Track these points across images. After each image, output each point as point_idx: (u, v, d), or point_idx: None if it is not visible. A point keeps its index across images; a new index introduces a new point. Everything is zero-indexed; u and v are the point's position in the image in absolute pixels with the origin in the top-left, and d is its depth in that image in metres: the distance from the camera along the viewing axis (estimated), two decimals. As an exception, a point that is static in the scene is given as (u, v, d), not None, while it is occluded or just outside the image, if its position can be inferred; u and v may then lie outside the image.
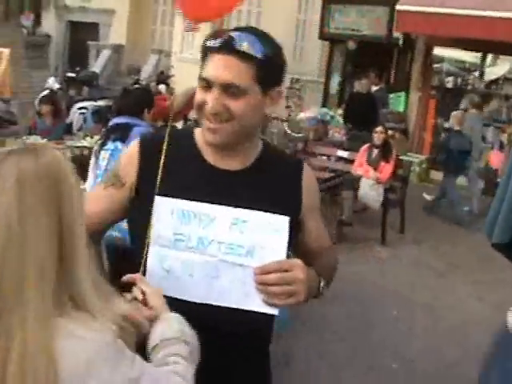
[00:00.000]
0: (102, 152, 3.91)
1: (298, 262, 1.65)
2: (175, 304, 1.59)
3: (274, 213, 1.65)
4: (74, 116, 10.58)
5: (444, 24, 10.16)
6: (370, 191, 7.60)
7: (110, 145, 3.88)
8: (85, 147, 8.18)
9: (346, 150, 9.01)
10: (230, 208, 1.65)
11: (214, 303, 1.65)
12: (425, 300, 5.90)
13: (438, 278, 6.58)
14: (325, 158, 9.46)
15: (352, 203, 7.54)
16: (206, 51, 1.67)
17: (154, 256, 1.66)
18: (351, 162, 8.40)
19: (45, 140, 7.68)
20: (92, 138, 8.03)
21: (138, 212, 1.74)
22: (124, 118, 3.97)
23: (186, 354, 1.44)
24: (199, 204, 1.65)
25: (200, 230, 1.64)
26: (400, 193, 8.12)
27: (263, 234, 1.65)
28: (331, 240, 2.03)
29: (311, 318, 4.93)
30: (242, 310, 1.65)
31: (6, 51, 9.26)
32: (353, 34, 12.77)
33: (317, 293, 1.76)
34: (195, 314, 1.58)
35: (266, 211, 1.65)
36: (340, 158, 9.01)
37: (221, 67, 1.62)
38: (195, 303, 1.64)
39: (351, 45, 12.62)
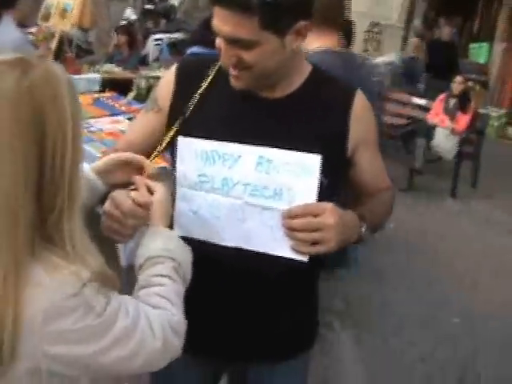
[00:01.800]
0: None
1: (328, 205, 1.50)
2: (204, 247, 1.53)
3: (310, 148, 1.50)
4: (150, 47, 10.59)
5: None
6: (445, 141, 7.40)
7: None
8: (159, 77, 8.20)
9: (424, 98, 8.73)
10: (255, 147, 1.53)
11: (242, 247, 1.57)
12: (492, 257, 5.72)
13: (508, 234, 6.35)
14: (401, 104, 9.20)
15: (425, 152, 7.33)
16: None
17: (181, 197, 1.60)
18: (428, 110, 8.12)
19: (120, 69, 7.72)
20: (167, 69, 8.04)
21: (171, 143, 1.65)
22: (200, 48, 3.92)
23: (171, 272, 1.38)
24: (223, 144, 1.54)
25: (225, 171, 1.55)
26: (475, 145, 7.84)
27: (291, 175, 1.51)
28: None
29: (372, 265, 4.82)
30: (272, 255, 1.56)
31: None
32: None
33: (357, 238, 1.62)
34: (227, 258, 1.54)
35: (302, 145, 1.51)
36: (416, 106, 8.72)
37: (222, 21, 1.44)
38: (225, 247, 1.57)
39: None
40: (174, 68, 1.72)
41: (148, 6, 15.69)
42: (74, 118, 1.17)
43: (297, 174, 1.51)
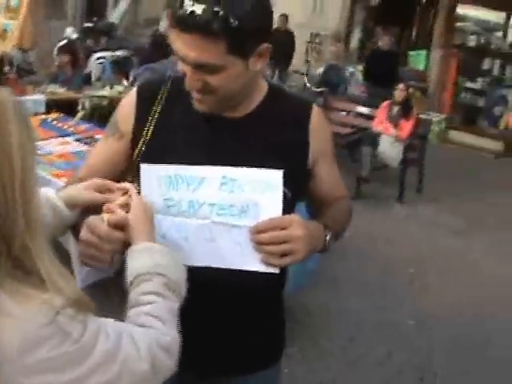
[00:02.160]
0: None
1: (294, 217, 1.56)
2: None
3: (272, 164, 1.55)
4: (93, 66, 10.51)
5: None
6: (390, 148, 7.55)
7: None
8: (104, 97, 8.16)
9: (366, 106, 8.91)
10: (217, 167, 1.56)
11: (213, 266, 1.60)
12: (441, 259, 5.89)
13: (455, 236, 6.54)
14: (344, 113, 9.36)
15: (371, 160, 7.48)
16: (171, 23, 1.50)
17: None
18: (371, 118, 8.29)
19: (64, 89, 7.67)
20: (112, 88, 8.00)
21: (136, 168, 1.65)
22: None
23: (161, 288, 1.33)
24: (186, 167, 1.57)
25: (190, 194, 1.57)
26: (419, 151, 8.05)
27: (255, 191, 1.55)
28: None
29: (326, 274, 4.91)
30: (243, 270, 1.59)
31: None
32: (376, -12, 12.55)
33: (322, 247, 1.66)
34: (198, 277, 1.52)
35: (264, 162, 1.55)
36: (360, 114, 8.91)
37: (188, 47, 1.46)
38: (196, 267, 1.58)
39: (374, 0, 12.41)
40: (133, 90, 1.75)
41: (88, 24, 15.56)
42: (22, 143, 1.11)
43: (261, 190, 1.55)
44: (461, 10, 12.01)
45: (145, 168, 1.59)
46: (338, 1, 13.88)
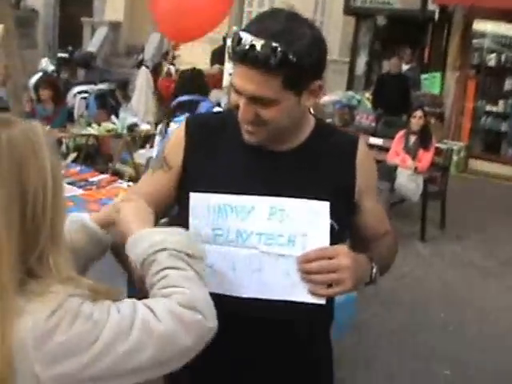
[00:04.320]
0: (172, 124, 4.31)
1: (342, 248, 1.73)
2: (222, 301, 1.64)
3: (319, 196, 1.73)
4: (75, 101, 10.66)
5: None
6: (408, 182, 7.69)
7: (180, 117, 4.25)
8: (90, 135, 8.29)
9: (379, 137, 9.07)
10: (267, 197, 1.74)
11: (260, 297, 1.75)
12: (473, 302, 6.00)
13: (485, 277, 6.66)
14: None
15: (389, 195, 7.61)
16: (232, 57, 1.71)
17: None
18: (385, 150, 8.46)
19: (48, 127, 7.78)
20: (99, 125, 8.14)
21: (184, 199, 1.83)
22: (185, 96, 4.39)
23: (168, 262, 1.46)
24: (236, 196, 1.75)
25: (238, 223, 1.74)
26: (441, 183, 8.20)
27: (303, 222, 1.73)
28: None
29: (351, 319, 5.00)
30: (290, 301, 1.75)
31: (-1, 28, 8.72)
32: (382, 8, 12.75)
33: (369, 280, 1.83)
34: (243, 308, 1.72)
35: (311, 194, 1.74)
36: (372, 146, 9.05)
37: (246, 80, 1.67)
38: (242, 298, 1.76)
39: (381, 20, 12.63)
40: (183, 125, 1.94)
41: (62, 55, 15.68)
42: (53, 165, 1.38)
43: (309, 221, 1.74)
44: (477, 25, 12.07)
45: (195, 197, 1.77)
46: (340, 23, 14.12)
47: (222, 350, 1.74)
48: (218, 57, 10.74)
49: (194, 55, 11.90)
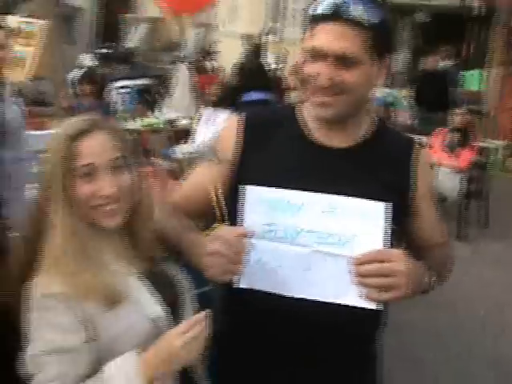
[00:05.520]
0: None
1: (398, 252, 1.65)
2: (267, 300, 1.65)
3: (375, 196, 1.67)
4: (113, 96, 10.65)
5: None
6: (447, 180, 7.59)
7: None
8: (133, 130, 8.26)
9: (418, 134, 8.95)
10: (320, 194, 1.68)
11: (307, 297, 1.69)
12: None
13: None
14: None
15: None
16: (314, 19, 1.69)
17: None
18: (425, 147, 8.31)
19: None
20: (140, 120, 8.12)
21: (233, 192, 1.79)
22: (257, 93, 4.22)
23: None
24: (289, 192, 1.70)
25: (289, 219, 1.68)
26: (481, 182, 8.07)
27: (357, 222, 1.66)
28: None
29: (391, 322, 4.91)
30: (338, 304, 1.68)
31: (41, 23, 8.65)
32: (422, 5, 12.60)
33: (426, 287, 1.77)
34: (288, 308, 1.66)
35: (367, 194, 1.67)
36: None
37: (334, 37, 1.64)
38: (287, 297, 1.69)
39: (420, 16, 12.48)
40: (235, 119, 1.89)
41: (102, 51, 15.79)
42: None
43: (362, 221, 1.66)
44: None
45: (250, 189, 1.72)
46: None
47: (267, 348, 1.74)
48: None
49: (232, 52, 11.84)
